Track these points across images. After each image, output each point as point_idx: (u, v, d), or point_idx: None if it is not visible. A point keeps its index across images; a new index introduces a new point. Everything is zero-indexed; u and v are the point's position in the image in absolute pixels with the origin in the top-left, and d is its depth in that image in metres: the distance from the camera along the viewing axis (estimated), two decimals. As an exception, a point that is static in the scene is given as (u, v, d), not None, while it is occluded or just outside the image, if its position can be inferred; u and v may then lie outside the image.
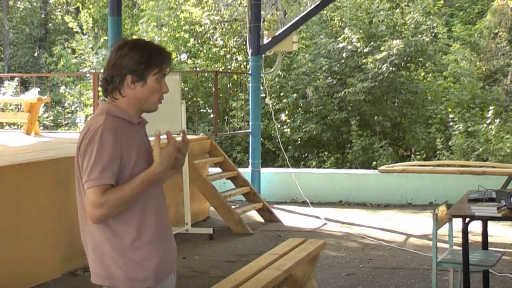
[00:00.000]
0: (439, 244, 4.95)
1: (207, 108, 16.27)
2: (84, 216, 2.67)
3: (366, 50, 14.88)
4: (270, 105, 13.63)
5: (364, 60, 14.66)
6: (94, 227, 2.63)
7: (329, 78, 15.01)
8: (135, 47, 2.68)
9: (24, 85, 19.29)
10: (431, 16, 16.11)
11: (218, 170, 9.25)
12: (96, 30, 20.43)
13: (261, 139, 11.66)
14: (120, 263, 2.63)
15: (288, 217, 9.18)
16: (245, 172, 9.90)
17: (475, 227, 5.25)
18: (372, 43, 15.00)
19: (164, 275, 2.73)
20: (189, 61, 17.72)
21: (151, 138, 2.77)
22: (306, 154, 14.93)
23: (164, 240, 2.74)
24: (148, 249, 2.66)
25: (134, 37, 18.19)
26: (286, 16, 16.40)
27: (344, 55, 15.01)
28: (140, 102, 2.71)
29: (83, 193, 2.64)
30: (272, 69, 11.90)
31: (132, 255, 2.63)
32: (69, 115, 16.72)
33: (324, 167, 13.77)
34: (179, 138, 2.74)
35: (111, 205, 2.54)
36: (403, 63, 14.95)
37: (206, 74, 16.26)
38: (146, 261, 2.65)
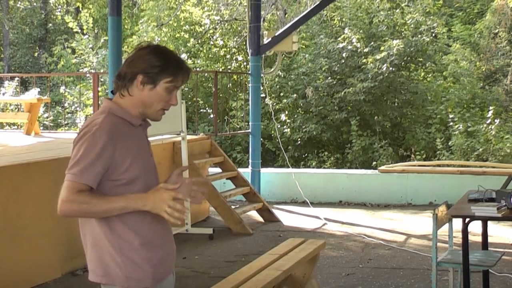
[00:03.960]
0: (439, 244, 4.95)
1: (207, 108, 16.27)
2: None
3: (366, 50, 14.89)
4: (270, 105, 13.63)
5: (364, 60, 14.66)
6: (95, 224, 2.62)
7: (329, 78, 15.01)
8: (156, 51, 2.67)
9: (24, 85, 19.29)
10: (431, 16, 16.11)
11: (218, 170, 9.25)
12: (96, 30, 20.44)
13: (261, 139, 11.66)
14: (118, 261, 2.62)
15: (288, 217, 9.18)
16: (245, 172, 9.89)
17: (475, 227, 5.25)
18: (372, 43, 15.00)
19: (162, 276, 2.72)
20: (189, 61, 17.72)
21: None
22: (306, 154, 14.93)
23: (162, 242, 2.73)
24: (146, 250, 2.65)
25: (134, 37, 18.21)
26: (286, 16, 16.42)
27: (344, 55, 15.01)
28: (145, 105, 2.68)
29: None
30: (272, 69, 11.89)
31: (130, 255, 2.63)
32: (69, 115, 16.73)
33: (324, 167, 13.77)
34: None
35: (79, 207, 2.52)
36: (403, 63, 14.95)
37: (206, 74, 16.26)
38: (143, 262, 2.64)
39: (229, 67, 17.47)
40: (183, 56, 18.04)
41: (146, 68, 2.63)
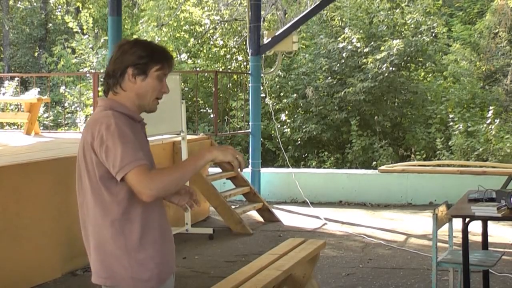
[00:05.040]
0: (439, 244, 4.95)
1: (207, 108, 16.27)
2: (87, 213, 2.66)
3: (366, 50, 14.89)
4: (270, 105, 13.63)
5: (364, 60, 14.66)
6: (98, 225, 2.62)
7: (329, 78, 15.01)
8: (138, 44, 2.72)
9: (24, 85, 19.29)
10: (431, 16, 16.11)
11: (218, 170, 9.25)
12: (96, 30, 20.43)
13: (261, 139, 11.66)
14: (123, 263, 2.61)
15: (288, 217, 9.18)
16: (245, 172, 9.89)
17: (475, 227, 5.25)
18: (372, 43, 15.00)
19: (166, 276, 2.73)
20: (189, 61, 17.73)
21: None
22: (306, 154, 14.93)
23: (166, 240, 2.74)
24: (152, 249, 2.65)
25: (135, 37, 18.21)
26: (286, 16, 16.42)
27: (344, 55, 15.01)
28: (140, 97, 2.70)
29: (87, 190, 2.62)
30: (272, 69, 11.90)
31: (136, 254, 2.62)
32: (69, 115, 16.72)
33: (324, 167, 13.77)
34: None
35: (161, 180, 2.51)
36: (403, 63, 14.95)
37: (206, 74, 16.26)
38: (149, 261, 2.64)
39: (229, 67, 17.47)
40: (183, 56, 18.06)
41: (135, 60, 2.66)
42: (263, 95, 13.18)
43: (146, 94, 2.70)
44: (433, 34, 15.91)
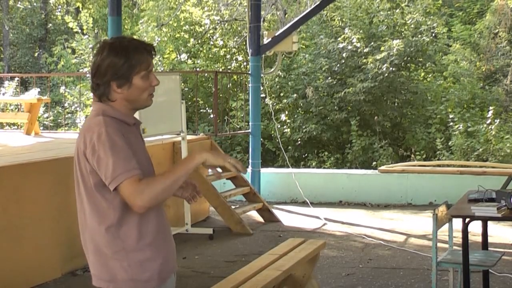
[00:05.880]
0: (439, 244, 4.95)
1: (207, 108, 16.27)
2: (84, 219, 2.65)
3: (366, 50, 14.88)
4: (270, 105, 13.63)
5: (364, 60, 14.66)
6: (95, 230, 2.62)
7: (329, 78, 15.01)
8: (112, 51, 2.62)
9: (24, 85, 19.30)
10: (431, 16, 16.11)
11: (218, 170, 9.23)
12: (96, 30, 20.42)
13: (261, 139, 11.66)
14: (124, 265, 2.62)
15: (288, 217, 9.18)
16: (245, 172, 9.88)
17: (475, 227, 5.25)
18: (372, 43, 15.00)
19: (166, 275, 2.73)
20: (189, 61, 17.72)
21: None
22: (306, 154, 14.93)
23: (165, 240, 2.74)
24: (151, 249, 2.65)
25: (134, 37, 18.17)
26: (286, 16, 16.41)
27: (344, 55, 15.01)
28: (131, 102, 2.69)
29: (83, 196, 2.63)
30: (272, 69, 11.89)
31: (135, 256, 2.62)
32: (69, 115, 16.72)
33: (324, 167, 13.77)
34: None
35: (151, 190, 2.49)
36: (403, 63, 14.94)
37: (206, 74, 16.26)
38: (149, 261, 2.64)
39: (229, 67, 17.47)
40: (183, 56, 18.05)
41: (113, 73, 2.61)
42: (263, 95, 13.18)
43: (137, 97, 2.68)
44: (433, 34, 15.91)
